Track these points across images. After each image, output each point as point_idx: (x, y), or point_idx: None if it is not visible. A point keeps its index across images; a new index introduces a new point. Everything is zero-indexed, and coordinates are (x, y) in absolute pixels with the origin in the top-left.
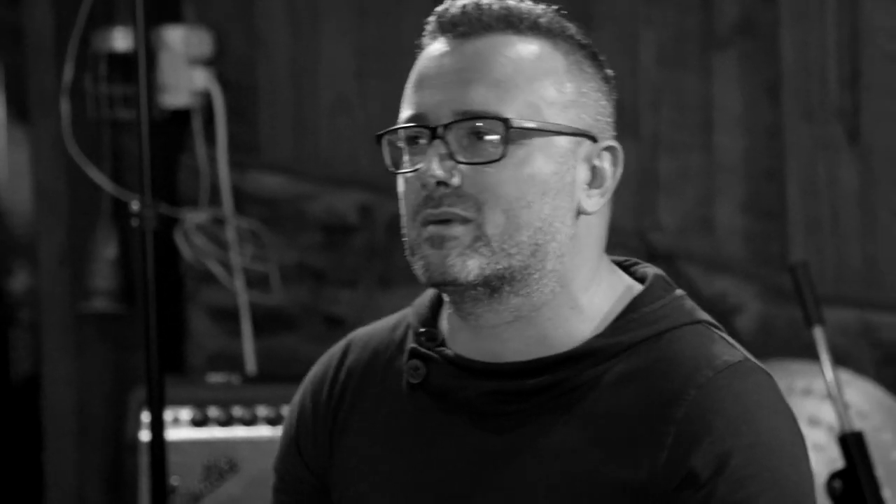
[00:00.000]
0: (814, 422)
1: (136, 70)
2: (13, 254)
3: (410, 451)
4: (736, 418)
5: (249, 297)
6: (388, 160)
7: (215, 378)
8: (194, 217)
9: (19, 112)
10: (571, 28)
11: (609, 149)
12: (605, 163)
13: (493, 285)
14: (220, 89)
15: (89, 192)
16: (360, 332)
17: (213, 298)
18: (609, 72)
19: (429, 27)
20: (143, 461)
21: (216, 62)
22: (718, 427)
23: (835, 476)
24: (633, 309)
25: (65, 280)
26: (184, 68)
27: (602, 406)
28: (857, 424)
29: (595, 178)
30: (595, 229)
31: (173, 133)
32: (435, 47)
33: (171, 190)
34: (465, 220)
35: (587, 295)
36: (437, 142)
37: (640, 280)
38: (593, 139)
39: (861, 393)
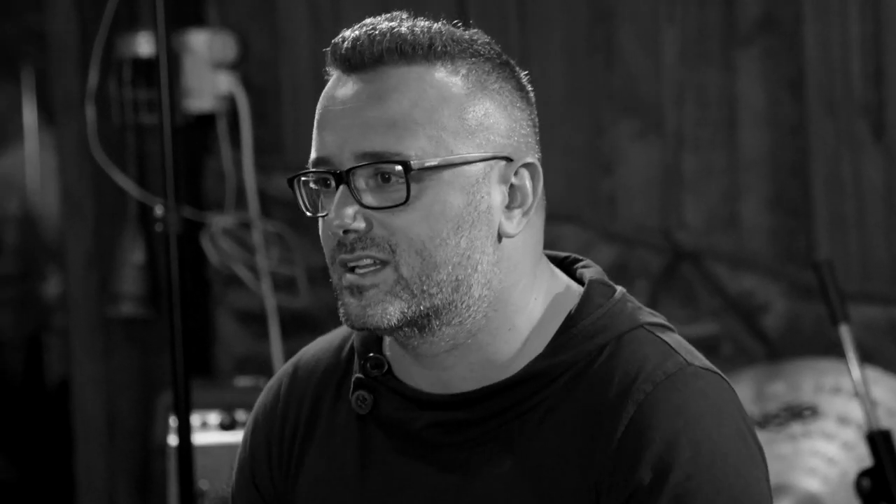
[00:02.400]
0: (843, 420)
1: (159, 75)
2: (45, 258)
3: (363, 486)
4: (675, 432)
5: (276, 300)
6: (302, 204)
7: (243, 381)
8: (220, 221)
9: (49, 117)
10: (473, 42)
11: (527, 165)
12: (525, 180)
13: (420, 324)
14: (245, 92)
15: (115, 197)
16: (306, 357)
17: (240, 302)
18: (523, 80)
19: (327, 59)
20: (172, 465)
21: (240, 65)
22: (658, 442)
23: (863, 474)
24: (572, 323)
25: (92, 285)
26: (208, 72)
27: (548, 433)
28: (885, 422)
29: (514, 197)
30: (524, 246)
31: (198, 137)
32: (332, 83)
33: (197, 194)
34: (382, 262)
35: (525, 313)
36: (342, 187)
37: (580, 283)
38: (507, 159)
39: (888, 390)
